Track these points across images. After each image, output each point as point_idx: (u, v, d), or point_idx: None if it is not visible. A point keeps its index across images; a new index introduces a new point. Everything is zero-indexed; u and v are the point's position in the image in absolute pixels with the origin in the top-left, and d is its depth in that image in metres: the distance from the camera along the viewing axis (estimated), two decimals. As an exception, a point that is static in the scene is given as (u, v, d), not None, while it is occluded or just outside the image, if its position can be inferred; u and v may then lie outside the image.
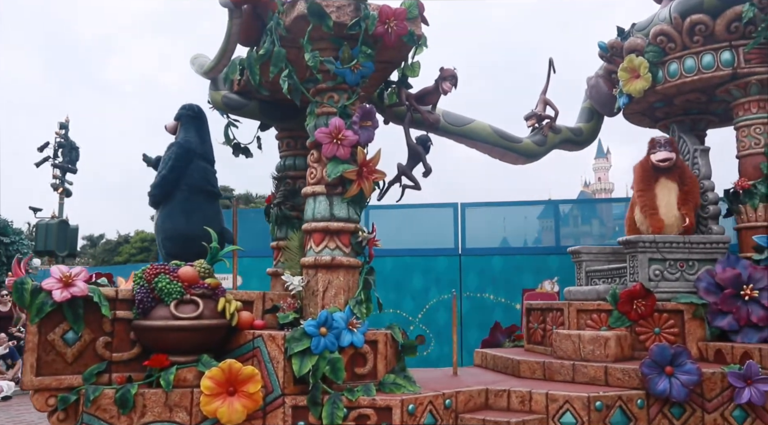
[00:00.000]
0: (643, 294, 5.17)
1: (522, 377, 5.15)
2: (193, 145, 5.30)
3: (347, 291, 4.48)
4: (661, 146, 5.67)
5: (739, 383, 4.38)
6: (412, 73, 5.08)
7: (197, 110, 5.58)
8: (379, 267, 9.99)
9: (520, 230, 9.66)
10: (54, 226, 13.05)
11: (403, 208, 10.77)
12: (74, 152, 14.02)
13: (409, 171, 5.66)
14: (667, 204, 5.60)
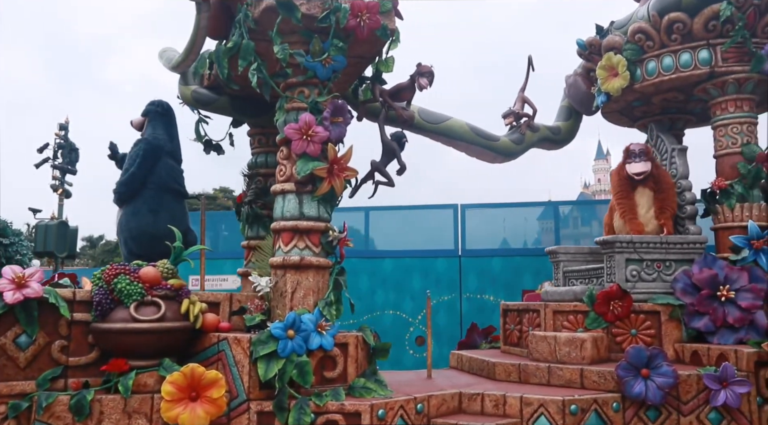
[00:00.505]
0: (620, 295, 5.09)
1: (497, 380, 5.04)
2: (161, 142, 5.13)
3: (317, 292, 4.34)
4: (636, 156, 5.60)
5: (714, 385, 4.31)
6: (386, 69, 4.95)
7: (166, 107, 5.40)
8: (379, 269, 10.08)
9: (520, 231, 9.66)
10: (53, 227, 12.97)
11: (403, 209, 10.75)
12: (74, 153, 13.82)
13: (383, 167, 5.53)
14: (646, 212, 5.55)
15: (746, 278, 5.05)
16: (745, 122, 5.47)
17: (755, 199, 5.41)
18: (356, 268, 10.66)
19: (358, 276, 10.60)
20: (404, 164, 5.56)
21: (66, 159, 13.46)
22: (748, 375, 4.38)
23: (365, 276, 10.37)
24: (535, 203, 9.92)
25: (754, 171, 5.33)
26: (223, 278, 11.17)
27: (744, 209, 5.36)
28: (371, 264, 10.25)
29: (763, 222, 5.33)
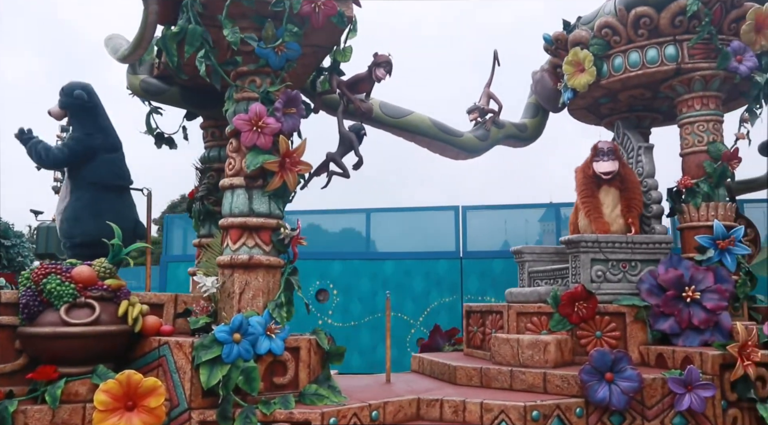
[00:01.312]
0: (585, 295, 4.95)
1: (458, 384, 4.85)
2: (96, 141, 4.77)
3: (267, 293, 4.10)
4: (604, 154, 5.48)
5: (679, 389, 4.18)
6: (343, 58, 4.73)
7: (86, 97, 4.89)
8: (380, 271, 9.99)
9: (521, 233, 9.59)
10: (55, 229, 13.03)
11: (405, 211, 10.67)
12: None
13: (339, 158, 5.29)
14: (611, 211, 5.43)
15: (711, 278, 4.94)
16: (711, 120, 5.38)
17: (720, 198, 5.32)
18: (357, 270, 10.57)
19: (359, 278, 10.49)
20: (362, 157, 5.34)
21: None
22: (713, 378, 4.26)
23: (366, 278, 10.28)
24: (536, 205, 9.90)
25: (720, 169, 5.23)
26: None
27: (709, 208, 5.26)
28: (372, 266, 10.19)
29: (729, 222, 5.24)
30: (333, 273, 11.23)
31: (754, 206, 9.62)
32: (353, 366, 8.20)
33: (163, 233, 13.62)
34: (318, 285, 11.32)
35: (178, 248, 13.22)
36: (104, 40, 5.33)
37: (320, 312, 10.87)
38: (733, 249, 5.10)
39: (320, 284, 11.33)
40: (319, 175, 5.42)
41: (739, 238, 5.12)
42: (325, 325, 10.35)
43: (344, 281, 10.67)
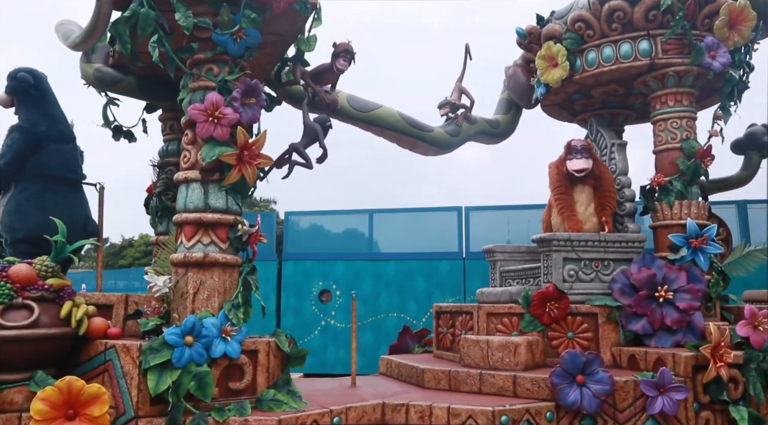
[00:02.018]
0: (557, 295, 4.81)
1: (426, 388, 4.67)
2: (39, 128, 4.48)
3: (223, 293, 3.87)
4: (577, 152, 5.37)
5: (651, 392, 4.05)
6: (307, 48, 4.54)
7: (34, 81, 4.60)
8: (383, 271, 9.87)
9: (524, 234, 9.59)
10: None
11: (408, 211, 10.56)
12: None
13: (303, 149, 5.08)
14: (585, 209, 5.32)
15: (684, 278, 4.84)
16: (684, 117, 5.28)
17: (694, 197, 5.22)
18: (360, 271, 10.48)
19: (362, 279, 10.38)
20: (326, 149, 5.15)
21: None
22: (685, 380, 4.15)
23: (369, 278, 10.20)
24: (539, 205, 9.83)
25: (693, 167, 5.14)
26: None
27: (683, 206, 5.16)
28: (375, 267, 10.15)
29: (702, 221, 5.15)
30: (336, 273, 11.12)
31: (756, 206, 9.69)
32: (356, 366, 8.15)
33: None
34: (321, 286, 11.22)
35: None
36: (55, 26, 5.05)
37: (323, 313, 10.75)
38: (706, 248, 5.01)
39: (323, 285, 11.23)
40: (281, 167, 5.22)
41: (712, 237, 5.03)
42: (328, 326, 10.22)
43: (347, 282, 10.60)
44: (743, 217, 10.09)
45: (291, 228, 12.19)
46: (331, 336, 10.20)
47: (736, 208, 10.51)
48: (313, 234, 12.58)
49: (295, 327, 10.94)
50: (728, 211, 10.54)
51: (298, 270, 11.42)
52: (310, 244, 11.97)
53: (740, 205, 10.38)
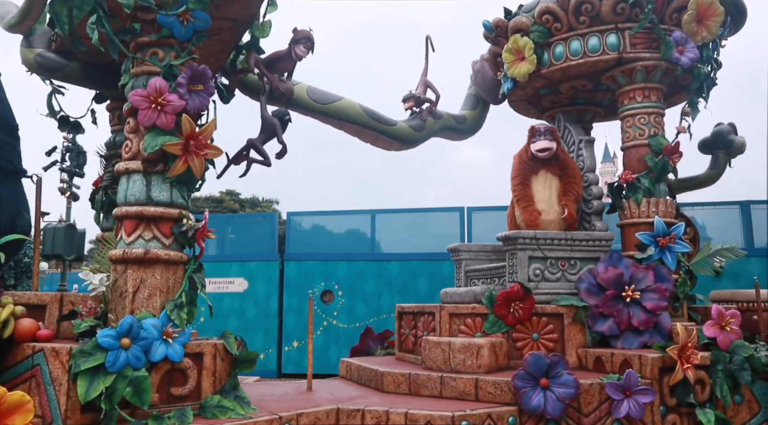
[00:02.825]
0: (522, 295, 4.64)
1: (386, 392, 4.47)
2: None
3: (166, 292, 3.61)
4: (541, 134, 5.25)
5: (617, 395, 3.90)
6: (261, 34, 4.31)
7: None
8: (386, 272, 9.65)
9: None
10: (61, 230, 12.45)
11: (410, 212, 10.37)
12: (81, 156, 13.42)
13: (260, 144, 4.87)
14: (549, 197, 5.19)
15: (652, 277, 4.72)
16: (652, 113, 5.17)
17: (662, 194, 5.12)
18: (363, 271, 10.29)
19: (364, 279, 10.19)
20: (285, 145, 4.94)
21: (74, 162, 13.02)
22: (652, 382, 4.01)
23: (371, 279, 10.01)
24: None
25: (661, 164, 5.03)
26: (230, 281, 11.34)
27: (650, 204, 5.05)
28: (378, 267, 9.98)
29: (669, 219, 5.04)
30: (338, 274, 10.99)
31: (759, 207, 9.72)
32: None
33: None
34: (323, 286, 11.06)
35: None
36: None
37: (325, 313, 10.57)
38: (674, 247, 4.90)
39: (325, 285, 11.07)
40: (239, 163, 5.01)
41: (680, 235, 4.92)
42: (330, 326, 10.04)
43: (349, 282, 10.42)
44: (746, 218, 10.16)
45: (293, 229, 12.10)
46: (333, 337, 10.04)
47: (739, 209, 10.57)
48: (315, 235, 12.47)
49: (297, 327, 10.80)
50: (731, 212, 10.61)
51: (300, 270, 11.35)
52: (313, 245, 11.91)
53: (743, 205, 10.45)
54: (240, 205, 34.06)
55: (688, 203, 11.21)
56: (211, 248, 13.22)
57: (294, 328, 10.75)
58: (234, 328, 11.70)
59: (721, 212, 10.96)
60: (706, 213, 11.43)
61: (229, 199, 34.05)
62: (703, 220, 11.70)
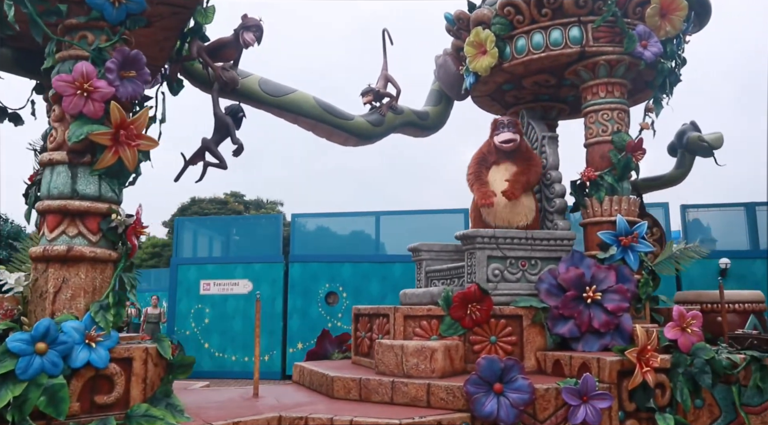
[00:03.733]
0: (479, 296, 4.46)
1: (336, 398, 4.25)
2: None
3: (91, 292, 3.36)
4: (504, 126, 5.10)
5: (574, 400, 3.73)
6: (204, 20, 4.08)
7: None
8: (390, 273, 9.43)
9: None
10: None
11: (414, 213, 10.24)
12: None
13: (215, 146, 4.67)
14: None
15: (613, 278, 4.57)
16: (616, 108, 5.04)
17: (625, 192, 4.98)
18: (367, 273, 10.11)
19: (369, 281, 10.00)
20: (240, 143, 4.72)
21: None
22: (610, 387, 3.84)
23: (376, 280, 9.86)
24: None
25: (624, 160, 4.89)
26: (234, 282, 11.42)
27: (613, 202, 4.91)
28: (382, 269, 9.84)
29: (632, 218, 4.90)
30: (343, 275, 10.87)
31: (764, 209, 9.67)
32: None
33: (174, 236, 13.46)
34: (327, 287, 10.90)
35: (188, 250, 12.96)
36: None
37: (330, 315, 10.40)
38: (636, 246, 4.76)
39: (330, 287, 10.93)
40: (195, 164, 4.78)
41: (643, 235, 4.78)
42: (335, 328, 9.87)
43: (354, 284, 10.23)
44: (751, 219, 10.13)
45: (298, 230, 12.05)
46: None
47: (744, 211, 10.54)
48: (319, 236, 12.47)
49: (301, 329, 10.63)
50: (736, 214, 10.59)
51: (305, 272, 11.18)
52: (317, 246, 11.90)
53: (748, 207, 10.41)
54: (244, 206, 34.09)
55: (693, 204, 11.22)
56: (215, 250, 13.18)
57: (299, 330, 10.58)
58: (238, 330, 11.63)
59: (726, 214, 10.99)
60: (712, 214, 11.45)
61: (234, 200, 34.27)
62: (708, 222, 11.74)
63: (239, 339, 11.60)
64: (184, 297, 11.59)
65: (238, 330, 11.67)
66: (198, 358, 10.04)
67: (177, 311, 11.69)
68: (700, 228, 11.71)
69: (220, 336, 11.75)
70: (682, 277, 9.99)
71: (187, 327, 11.17)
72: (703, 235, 11.88)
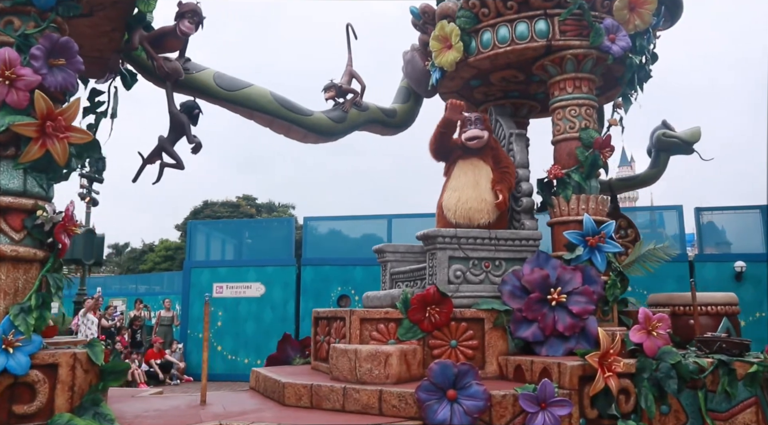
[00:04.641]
0: (438, 299, 4.27)
1: (287, 405, 4.04)
2: None
3: (12, 294, 3.15)
4: (471, 123, 4.93)
5: (531, 407, 3.54)
6: (146, 8, 3.89)
7: None
8: None
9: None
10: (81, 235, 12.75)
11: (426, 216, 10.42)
12: (101, 162, 14.09)
13: (171, 145, 4.49)
14: (475, 184, 4.83)
15: (579, 279, 4.39)
16: (583, 104, 4.86)
17: (593, 190, 4.80)
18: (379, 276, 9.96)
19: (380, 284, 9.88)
20: (198, 141, 4.54)
21: (93, 168, 13.77)
22: (570, 393, 3.65)
23: None
24: None
25: (592, 158, 4.72)
26: (247, 286, 11.52)
27: (580, 201, 4.73)
28: None
29: (600, 217, 4.73)
30: (355, 278, 10.75)
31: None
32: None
33: (187, 239, 13.63)
34: (340, 291, 10.75)
35: (201, 254, 13.10)
36: None
37: None
38: (604, 246, 4.58)
39: (342, 290, 10.80)
40: (153, 163, 4.59)
41: (610, 234, 4.61)
42: None
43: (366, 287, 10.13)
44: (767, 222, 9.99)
45: (310, 233, 12.07)
46: (350, 342, 9.76)
47: (760, 213, 10.40)
48: (331, 240, 12.46)
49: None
50: (752, 216, 10.45)
51: (317, 275, 11.14)
52: (329, 249, 11.92)
53: (764, 210, 10.27)
54: (257, 209, 34.28)
55: (708, 207, 11.10)
56: (228, 253, 13.15)
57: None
58: (251, 333, 11.54)
59: (741, 216, 10.88)
60: (727, 217, 11.33)
61: (246, 203, 34.65)
62: (723, 225, 11.61)
63: (252, 341, 11.63)
64: (197, 300, 11.62)
65: (251, 333, 11.72)
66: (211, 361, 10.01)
67: (190, 314, 11.73)
68: (714, 231, 11.61)
69: (233, 339, 11.78)
70: (697, 281, 9.83)
71: (199, 330, 11.17)
72: (718, 238, 11.77)
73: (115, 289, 21.84)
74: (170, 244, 34.97)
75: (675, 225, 11.12)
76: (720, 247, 11.80)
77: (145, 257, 36.59)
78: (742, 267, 10.13)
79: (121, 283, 24.63)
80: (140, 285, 22.36)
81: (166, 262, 33.08)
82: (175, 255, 32.79)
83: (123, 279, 26.93)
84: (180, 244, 32.10)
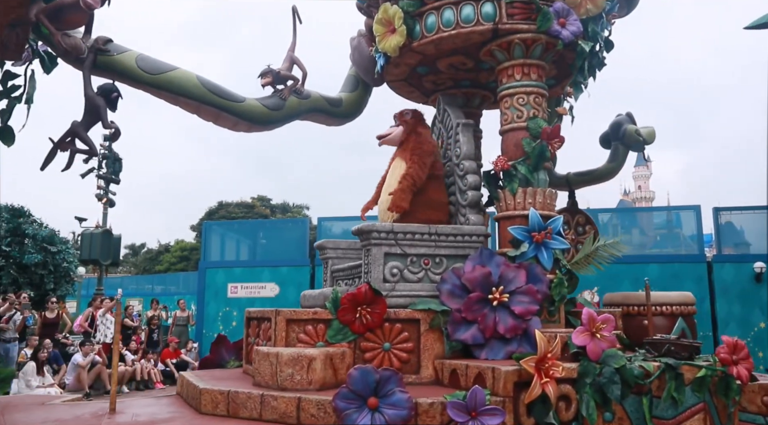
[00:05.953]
0: (371, 298, 3.98)
1: (203, 412, 3.73)
2: None
3: None
4: (395, 120, 4.73)
5: (460, 416, 3.26)
6: None
7: None
8: None
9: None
10: (98, 236, 13.43)
11: None
12: (117, 163, 14.41)
13: (84, 131, 4.15)
14: (389, 187, 4.62)
15: (523, 278, 4.13)
16: (532, 92, 4.60)
17: (540, 184, 4.53)
18: None
19: None
20: (116, 127, 4.22)
21: (110, 169, 14.10)
22: (504, 401, 3.37)
23: None
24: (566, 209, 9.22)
25: (539, 149, 4.45)
26: (261, 286, 11.47)
27: (527, 195, 4.46)
28: None
29: (548, 212, 4.46)
30: None
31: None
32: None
33: (202, 239, 13.56)
34: None
35: (215, 254, 12.82)
36: None
37: None
38: (550, 243, 4.32)
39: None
40: (65, 150, 4.25)
41: (558, 230, 4.35)
42: None
43: None
44: None
45: (324, 234, 11.93)
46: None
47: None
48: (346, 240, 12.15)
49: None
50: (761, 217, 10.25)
51: None
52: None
53: None
54: (271, 210, 34.25)
55: (726, 207, 10.90)
56: (243, 253, 12.99)
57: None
58: None
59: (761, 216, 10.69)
60: (745, 217, 11.13)
61: (261, 204, 34.72)
62: (741, 225, 11.40)
63: (266, 342, 11.36)
64: (212, 300, 11.46)
65: (266, 334, 11.44)
66: (226, 360, 9.72)
67: (205, 314, 11.56)
68: (733, 231, 11.41)
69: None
70: (715, 282, 9.61)
71: (215, 330, 11.00)
72: (737, 239, 11.59)
73: (131, 289, 21.90)
74: (186, 245, 35.08)
75: (693, 225, 10.91)
76: (739, 248, 11.61)
77: (161, 257, 36.66)
78: (762, 268, 9.94)
79: (137, 283, 24.61)
80: (156, 285, 22.34)
81: (181, 263, 33.20)
82: (190, 255, 32.90)
83: (139, 280, 26.89)
84: (195, 245, 32.21)
